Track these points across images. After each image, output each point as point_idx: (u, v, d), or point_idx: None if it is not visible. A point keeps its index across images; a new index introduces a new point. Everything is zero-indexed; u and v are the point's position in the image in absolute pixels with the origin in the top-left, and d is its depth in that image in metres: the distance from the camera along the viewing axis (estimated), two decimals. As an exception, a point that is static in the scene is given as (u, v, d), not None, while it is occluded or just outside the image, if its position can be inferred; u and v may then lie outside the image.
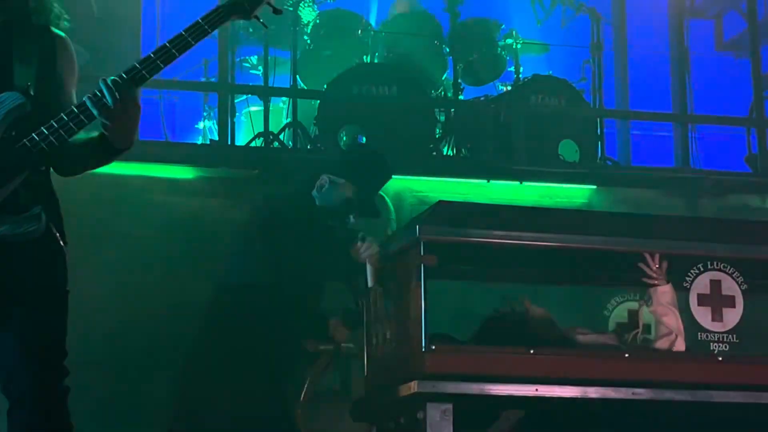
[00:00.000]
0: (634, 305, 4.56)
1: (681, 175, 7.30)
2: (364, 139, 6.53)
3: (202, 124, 7.64)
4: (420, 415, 4.12)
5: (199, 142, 7.54)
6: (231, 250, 5.41)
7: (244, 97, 7.42)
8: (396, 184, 6.15)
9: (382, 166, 5.36)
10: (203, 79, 7.62)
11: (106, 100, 2.91)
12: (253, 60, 7.55)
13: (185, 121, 8.00)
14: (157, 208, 6.02)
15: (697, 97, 7.76)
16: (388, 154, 5.50)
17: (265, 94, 6.96)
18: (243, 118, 7.44)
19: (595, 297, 4.74)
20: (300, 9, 7.15)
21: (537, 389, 4.10)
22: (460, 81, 7.19)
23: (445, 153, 6.99)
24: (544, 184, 6.84)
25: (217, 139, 6.96)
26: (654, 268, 4.33)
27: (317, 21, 7.20)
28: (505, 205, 5.18)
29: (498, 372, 4.13)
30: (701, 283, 4.38)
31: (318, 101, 6.87)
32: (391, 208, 5.77)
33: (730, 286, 4.39)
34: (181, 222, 5.98)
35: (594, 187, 6.94)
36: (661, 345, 4.39)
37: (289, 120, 6.98)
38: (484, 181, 6.76)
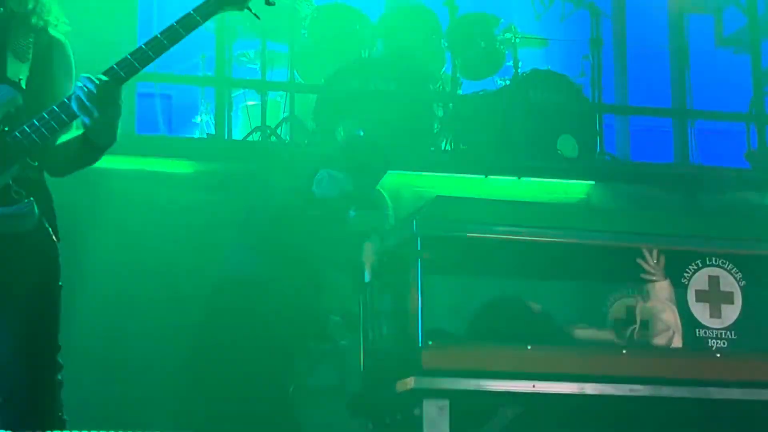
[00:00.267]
0: (632, 301, 4.54)
1: (680, 170, 7.27)
2: (362, 133, 6.50)
3: (199, 119, 7.62)
4: (417, 411, 4.11)
5: (196, 136, 7.52)
6: (228, 243, 5.38)
7: (242, 92, 7.40)
8: (394, 179, 6.12)
9: (380, 158, 5.35)
10: (201, 73, 7.59)
11: (84, 100, 2.89)
12: (251, 54, 7.52)
13: (182, 116, 7.98)
14: (153, 202, 6.00)
15: (696, 92, 7.73)
16: (386, 149, 5.47)
17: (263, 88, 6.93)
18: (240, 113, 7.42)
19: (593, 293, 4.72)
20: (298, 2, 7.12)
21: (534, 385, 4.10)
22: (458, 75, 7.15)
23: (443, 148, 6.96)
24: (542, 180, 6.81)
25: (214, 133, 6.94)
26: (652, 263, 4.31)
27: (315, 15, 7.17)
28: (502, 201, 5.16)
29: (495, 368, 4.12)
30: (699, 279, 4.36)
31: (315, 95, 6.85)
32: (388, 203, 5.74)
33: (729, 282, 4.38)
34: (177, 216, 5.96)
35: (593, 182, 6.91)
36: (659, 341, 4.37)
37: (286, 114, 6.96)
38: (483, 176, 6.74)
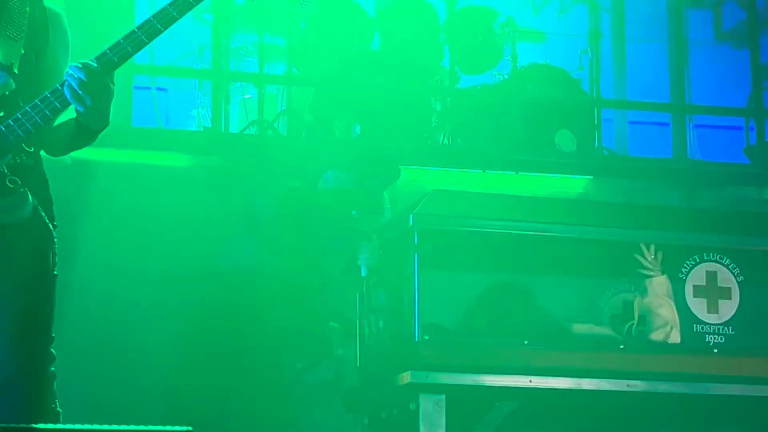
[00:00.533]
0: (630, 296, 4.53)
1: (678, 165, 7.26)
2: (359, 127, 6.48)
3: (196, 112, 7.59)
4: (413, 405, 4.11)
5: (193, 129, 7.49)
6: (225, 236, 5.37)
7: (239, 85, 7.37)
8: (392, 174, 6.10)
9: (392, 167, 5.32)
10: (198, 66, 7.56)
11: (76, 89, 2.87)
12: (248, 47, 7.49)
13: (179, 109, 7.94)
14: (149, 194, 5.97)
15: (695, 87, 7.71)
16: (383, 143, 5.46)
17: (260, 81, 6.91)
18: (238, 106, 7.39)
19: (590, 288, 4.70)
20: (296, -5, 7.10)
21: (531, 380, 4.09)
22: (456, 69, 7.14)
23: (440, 142, 6.94)
24: (540, 174, 6.79)
25: (210, 126, 6.91)
26: (650, 258, 4.30)
27: (313, 8, 7.14)
28: (499, 195, 5.15)
29: (492, 363, 4.11)
30: (697, 275, 4.36)
31: (313, 89, 6.83)
32: (385, 197, 5.73)
33: (727, 277, 4.37)
34: (173, 209, 5.93)
35: (590, 177, 6.90)
36: (657, 337, 4.36)
37: (283, 108, 6.93)
38: (480, 170, 6.72)
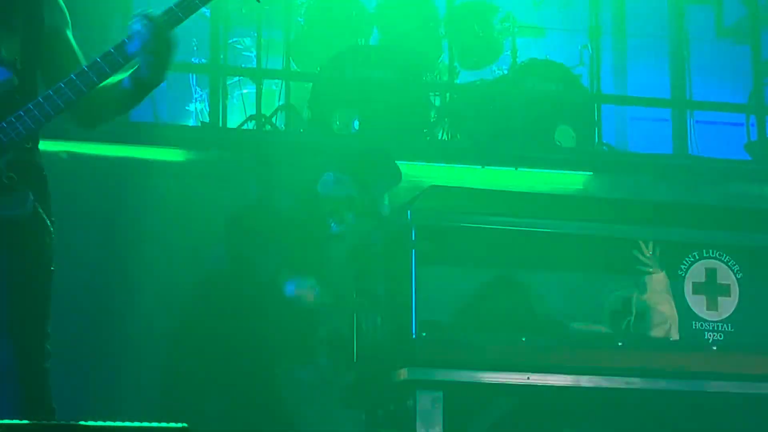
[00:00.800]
0: (628, 293, 4.51)
1: (678, 161, 7.23)
2: (357, 123, 6.46)
3: (193, 107, 7.57)
4: (410, 402, 4.09)
5: (190, 124, 7.47)
6: (221, 233, 5.35)
7: (237, 79, 7.35)
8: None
9: (394, 171, 5.30)
10: (195, 60, 7.53)
11: (143, 35, 2.93)
12: (246, 42, 7.47)
13: (176, 103, 7.91)
14: (146, 189, 5.95)
15: (696, 83, 7.69)
16: (381, 138, 5.43)
17: (258, 76, 6.88)
18: (236, 101, 7.37)
19: (589, 284, 4.68)
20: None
21: (529, 377, 4.08)
22: (455, 64, 7.12)
23: (440, 137, 6.92)
24: (540, 170, 6.77)
25: (208, 121, 6.89)
26: (648, 255, 4.29)
27: (311, 2, 7.12)
28: (498, 191, 5.13)
29: (489, 360, 4.10)
30: (696, 272, 4.34)
31: (311, 84, 6.80)
32: (385, 197, 5.70)
33: (726, 274, 4.35)
34: (170, 204, 5.91)
35: (590, 173, 6.88)
36: (655, 334, 4.35)
37: (281, 103, 6.91)
38: (479, 166, 6.70)
